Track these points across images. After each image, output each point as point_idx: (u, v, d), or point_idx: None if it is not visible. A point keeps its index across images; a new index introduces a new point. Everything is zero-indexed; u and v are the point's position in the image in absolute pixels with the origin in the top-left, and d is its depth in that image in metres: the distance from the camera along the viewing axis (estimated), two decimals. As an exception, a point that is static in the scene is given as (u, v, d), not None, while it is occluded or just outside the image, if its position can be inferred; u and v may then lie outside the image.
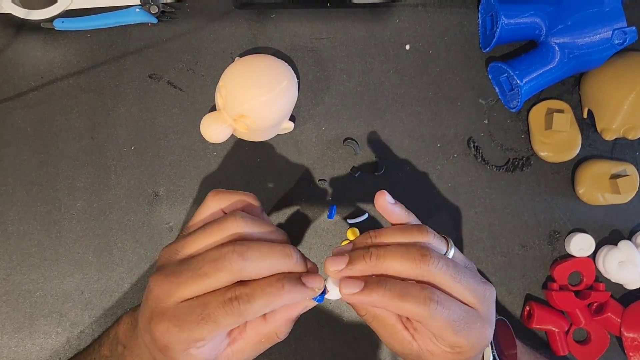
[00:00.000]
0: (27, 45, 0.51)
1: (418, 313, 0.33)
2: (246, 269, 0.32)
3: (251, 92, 0.45)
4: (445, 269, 0.34)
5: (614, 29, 0.47)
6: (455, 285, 0.35)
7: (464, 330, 0.34)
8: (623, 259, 0.51)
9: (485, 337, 0.36)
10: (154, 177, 0.51)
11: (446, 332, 0.34)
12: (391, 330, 0.37)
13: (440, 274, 0.34)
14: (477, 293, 0.35)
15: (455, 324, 0.34)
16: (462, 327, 0.34)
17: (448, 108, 0.53)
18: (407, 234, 0.36)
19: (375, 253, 0.35)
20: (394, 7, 0.54)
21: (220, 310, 0.31)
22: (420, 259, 0.34)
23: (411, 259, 0.34)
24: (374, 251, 0.35)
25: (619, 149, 0.54)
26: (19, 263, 0.49)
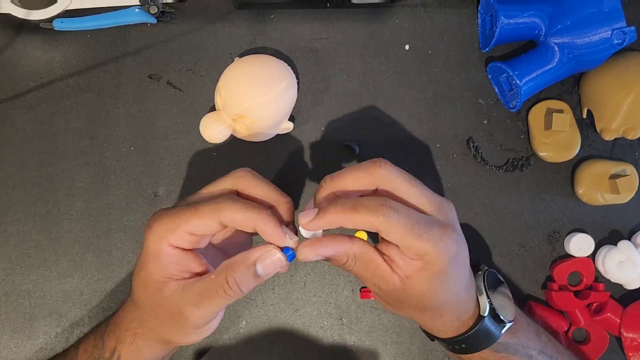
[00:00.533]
0: (26, 46, 0.51)
1: (374, 222, 0.34)
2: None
3: (251, 92, 0.45)
4: (399, 173, 0.36)
5: (613, 28, 0.47)
6: (411, 190, 0.36)
7: (425, 234, 0.34)
8: (622, 259, 0.51)
9: (450, 241, 0.35)
10: (153, 178, 0.51)
11: (408, 238, 0.34)
12: (372, 266, 0.37)
13: (394, 178, 0.36)
14: (432, 200, 0.37)
15: (414, 227, 0.34)
16: (423, 231, 0.34)
17: (447, 108, 0.53)
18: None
19: (329, 177, 0.37)
20: (393, 7, 0.54)
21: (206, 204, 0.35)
22: (371, 165, 0.36)
23: (364, 169, 0.36)
24: (328, 177, 0.37)
25: (618, 149, 0.54)
26: (18, 263, 0.49)
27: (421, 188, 0.37)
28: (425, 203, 0.36)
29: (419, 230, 0.34)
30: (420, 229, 0.34)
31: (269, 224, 0.34)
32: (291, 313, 0.51)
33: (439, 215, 0.36)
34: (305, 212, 0.36)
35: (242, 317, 0.50)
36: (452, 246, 0.36)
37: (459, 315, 0.40)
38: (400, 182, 0.36)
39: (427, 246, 0.34)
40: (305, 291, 0.51)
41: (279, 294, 0.51)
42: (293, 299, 0.51)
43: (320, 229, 0.36)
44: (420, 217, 0.35)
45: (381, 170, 0.35)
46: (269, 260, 0.35)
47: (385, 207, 0.34)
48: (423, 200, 0.36)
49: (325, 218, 0.35)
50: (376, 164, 0.36)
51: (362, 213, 0.34)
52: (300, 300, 0.51)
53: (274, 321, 0.50)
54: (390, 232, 0.34)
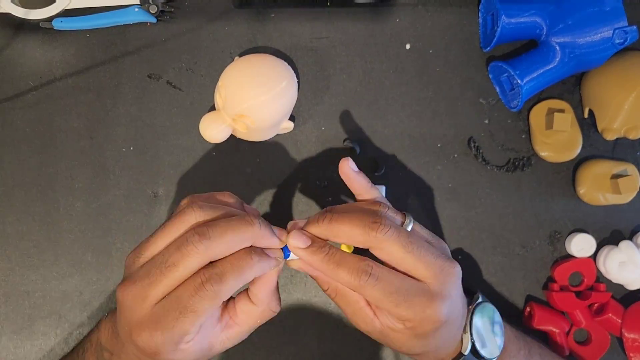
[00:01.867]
0: (25, 45, 0.51)
1: (351, 283, 0.34)
2: (211, 247, 0.32)
3: (251, 91, 0.45)
4: (395, 238, 0.34)
5: (614, 28, 0.47)
6: (405, 256, 0.35)
7: (404, 303, 0.34)
8: (624, 260, 0.51)
9: (436, 312, 0.35)
10: (153, 178, 0.51)
11: (384, 304, 0.34)
12: (354, 306, 0.37)
13: (389, 243, 0.34)
14: (430, 266, 0.35)
15: (392, 296, 0.34)
16: (402, 300, 0.34)
17: (448, 108, 0.53)
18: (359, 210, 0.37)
19: (330, 216, 0.36)
20: (394, 7, 0.53)
21: (194, 297, 0.31)
22: (370, 225, 0.34)
23: (362, 225, 0.35)
24: (329, 214, 0.36)
25: (620, 149, 0.54)
26: (18, 264, 0.49)
27: (418, 254, 0.35)
28: (421, 269, 0.35)
29: (396, 299, 0.34)
30: (400, 298, 0.34)
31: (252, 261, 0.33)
32: (291, 313, 0.50)
33: (433, 283, 0.35)
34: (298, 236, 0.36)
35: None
36: (437, 316, 0.35)
37: (437, 356, 0.40)
38: (394, 249, 0.35)
39: (407, 314, 0.34)
40: (305, 291, 0.51)
41: (279, 295, 0.50)
42: (293, 299, 0.51)
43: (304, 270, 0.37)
44: (402, 286, 0.34)
45: (376, 234, 0.34)
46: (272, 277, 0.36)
47: (366, 273, 0.34)
48: (419, 266, 0.35)
49: (312, 257, 0.35)
50: (374, 225, 0.34)
51: (343, 271, 0.34)
52: (300, 300, 0.51)
53: (274, 321, 0.50)
54: (367, 296, 0.35)
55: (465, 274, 0.52)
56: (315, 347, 0.50)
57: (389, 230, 0.34)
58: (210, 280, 0.31)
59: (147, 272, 0.32)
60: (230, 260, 0.33)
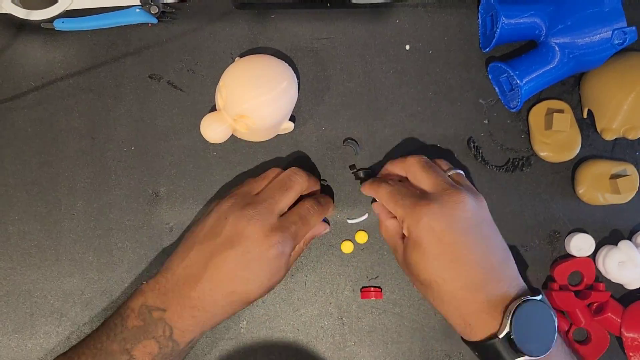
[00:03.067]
0: (27, 46, 0.51)
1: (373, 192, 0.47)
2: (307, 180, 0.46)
3: (251, 92, 0.45)
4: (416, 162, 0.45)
5: (613, 29, 0.47)
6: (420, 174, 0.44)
7: (400, 201, 0.43)
8: (623, 259, 0.51)
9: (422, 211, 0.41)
10: (154, 178, 0.51)
11: (389, 204, 0.44)
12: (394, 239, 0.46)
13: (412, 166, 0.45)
14: (439, 183, 0.43)
15: (394, 197, 0.44)
16: (399, 199, 0.43)
17: (448, 108, 0.53)
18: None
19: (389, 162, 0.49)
20: (394, 8, 0.54)
21: (309, 212, 0.45)
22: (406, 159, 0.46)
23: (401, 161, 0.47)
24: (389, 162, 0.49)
25: (619, 149, 0.54)
26: (19, 263, 0.49)
27: (431, 174, 0.44)
28: (429, 185, 0.43)
29: (396, 198, 0.44)
30: (398, 198, 0.43)
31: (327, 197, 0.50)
32: (291, 313, 0.51)
33: (434, 194, 0.42)
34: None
35: (243, 317, 0.50)
36: (422, 217, 0.41)
37: (461, 313, 0.41)
38: (415, 168, 0.45)
39: (400, 212, 0.43)
40: (305, 291, 0.51)
41: (279, 294, 0.51)
42: (293, 299, 0.51)
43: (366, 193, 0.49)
44: (404, 191, 0.44)
45: (410, 160, 0.45)
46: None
47: (381, 183, 0.46)
48: (428, 182, 0.43)
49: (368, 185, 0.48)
50: (408, 158, 0.46)
51: (372, 186, 0.47)
52: (300, 300, 0.51)
53: (275, 321, 0.50)
54: (381, 199, 0.46)
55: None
56: (315, 347, 0.50)
57: (414, 158, 0.46)
58: (316, 204, 0.46)
59: (269, 195, 0.44)
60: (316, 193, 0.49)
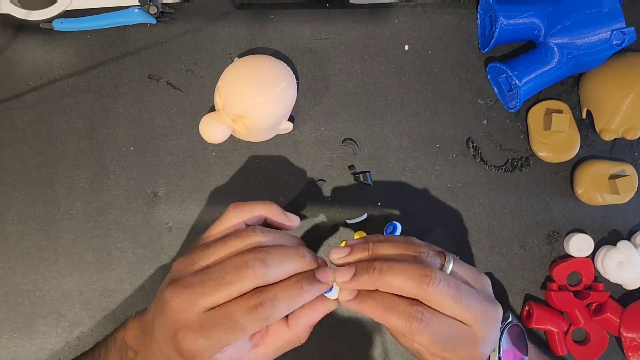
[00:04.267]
0: (26, 46, 0.51)
1: (401, 328, 0.35)
2: (268, 274, 0.34)
3: (250, 92, 0.45)
4: (445, 290, 0.35)
5: (612, 29, 0.47)
6: (454, 307, 0.35)
7: (450, 348, 0.35)
8: (622, 259, 0.51)
9: (477, 355, 0.37)
10: (153, 178, 0.51)
11: (432, 348, 0.35)
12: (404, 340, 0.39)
13: (439, 295, 0.35)
14: (476, 312, 0.36)
15: (440, 342, 0.35)
16: (449, 345, 0.35)
17: (447, 108, 0.53)
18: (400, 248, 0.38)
19: (379, 268, 0.36)
20: (393, 8, 0.54)
21: (246, 317, 0.33)
22: (421, 279, 0.35)
23: (412, 278, 0.35)
24: (378, 265, 0.36)
25: (617, 150, 0.54)
26: (18, 263, 0.49)
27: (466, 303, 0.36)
28: (467, 316, 0.36)
29: (443, 345, 0.35)
30: (446, 344, 0.35)
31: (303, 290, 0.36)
32: (291, 313, 0.51)
33: (478, 327, 0.36)
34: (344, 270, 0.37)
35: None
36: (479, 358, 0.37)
37: None
38: (444, 301, 0.35)
39: (451, 357, 0.36)
40: (304, 291, 0.51)
41: (278, 294, 0.51)
42: (292, 299, 0.51)
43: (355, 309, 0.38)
44: (451, 332, 0.36)
45: (429, 289, 0.35)
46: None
47: (416, 320, 0.35)
48: (465, 314, 0.36)
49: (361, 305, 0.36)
50: (425, 281, 0.35)
51: (393, 316, 0.35)
52: (299, 300, 0.51)
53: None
54: (415, 340, 0.36)
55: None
56: (315, 347, 0.50)
57: (439, 284, 0.35)
58: (264, 304, 0.33)
59: (200, 282, 0.34)
60: (284, 287, 0.35)
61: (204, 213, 0.51)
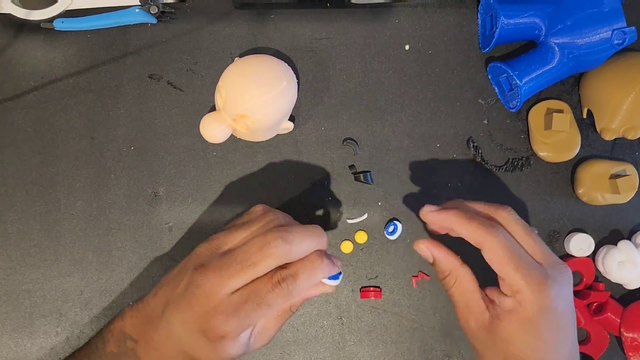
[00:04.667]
0: (27, 46, 0.51)
1: (481, 235, 0.36)
2: (291, 251, 0.36)
3: (251, 92, 0.45)
4: (520, 222, 0.37)
5: (613, 29, 0.47)
6: (528, 238, 0.37)
7: (522, 269, 0.34)
8: (623, 259, 0.51)
9: (548, 290, 0.34)
10: (153, 177, 0.51)
11: (505, 264, 0.35)
12: (469, 296, 0.38)
13: (514, 223, 0.37)
14: (549, 256, 0.36)
15: (514, 257, 0.35)
16: (521, 265, 0.35)
17: (447, 108, 0.53)
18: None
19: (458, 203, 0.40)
20: (393, 8, 0.54)
21: (271, 293, 0.35)
22: (498, 206, 0.38)
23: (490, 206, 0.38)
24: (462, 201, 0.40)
25: (618, 149, 0.54)
26: (19, 263, 0.49)
27: (539, 242, 0.37)
28: (539, 254, 0.36)
29: (517, 263, 0.35)
30: (520, 262, 0.35)
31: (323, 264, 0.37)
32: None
33: (549, 268, 0.36)
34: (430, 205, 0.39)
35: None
36: (547, 295, 0.34)
37: None
38: (519, 229, 0.37)
39: (522, 283, 0.34)
40: (305, 291, 0.51)
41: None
42: (293, 298, 0.51)
43: (436, 221, 0.39)
44: (526, 256, 0.36)
45: (504, 213, 0.37)
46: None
47: (498, 229, 0.36)
48: (537, 251, 0.36)
49: (445, 213, 0.38)
50: (502, 207, 0.38)
51: (475, 224, 0.36)
52: (300, 300, 0.51)
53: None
54: (492, 251, 0.35)
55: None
56: (315, 347, 0.50)
57: (514, 214, 0.37)
58: (287, 279, 0.35)
59: (227, 264, 0.35)
60: (304, 263, 0.37)
61: (205, 213, 0.51)
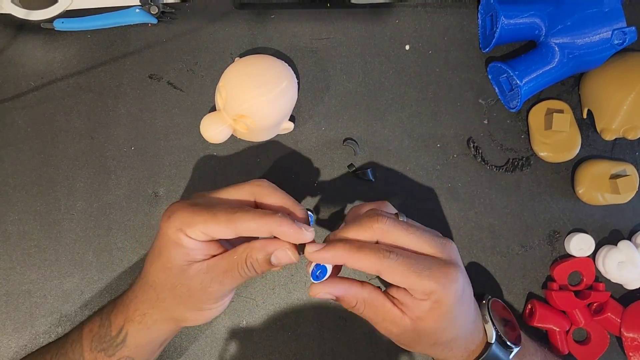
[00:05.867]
0: (27, 46, 0.51)
1: (375, 263, 0.36)
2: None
3: (251, 92, 0.45)
4: (396, 224, 0.38)
5: (613, 29, 0.47)
6: (409, 238, 0.38)
7: (426, 272, 0.36)
8: (623, 259, 0.51)
9: (454, 278, 0.37)
10: (153, 178, 0.51)
11: (410, 277, 0.36)
12: (382, 311, 0.38)
13: (392, 230, 0.37)
14: (433, 243, 0.38)
15: (415, 267, 0.36)
16: (424, 269, 0.36)
17: (448, 108, 0.53)
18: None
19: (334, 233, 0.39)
20: (393, 8, 0.54)
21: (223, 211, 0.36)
22: (368, 221, 0.37)
23: (362, 224, 0.38)
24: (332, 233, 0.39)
25: (618, 149, 0.54)
26: (19, 263, 0.49)
27: (420, 234, 0.38)
28: (426, 247, 0.38)
29: (418, 269, 0.36)
30: (420, 268, 0.36)
31: (283, 225, 0.36)
32: (291, 312, 0.51)
33: (442, 255, 0.38)
34: (314, 243, 0.37)
35: (242, 317, 0.50)
36: (456, 283, 0.37)
37: (467, 346, 0.41)
38: (397, 234, 0.37)
39: (431, 284, 0.36)
40: (305, 291, 0.51)
41: (279, 294, 0.51)
42: (293, 298, 0.51)
43: (325, 261, 0.38)
44: (420, 258, 0.37)
45: (378, 225, 0.37)
46: (283, 256, 0.37)
47: (386, 251, 0.36)
48: (423, 244, 0.38)
49: (332, 251, 0.37)
50: (372, 219, 0.37)
51: (364, 253, 0.36)
52: (300, 300, 0.51)
53: (275, 320, 0.50)
54: (392, 273, 0.36)
55: (465, 274, 0.52)
56: (315, 347, 0.50)
57: (387, 220, 0.37)
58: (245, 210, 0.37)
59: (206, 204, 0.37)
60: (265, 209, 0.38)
61: (205, 213, 0.51)
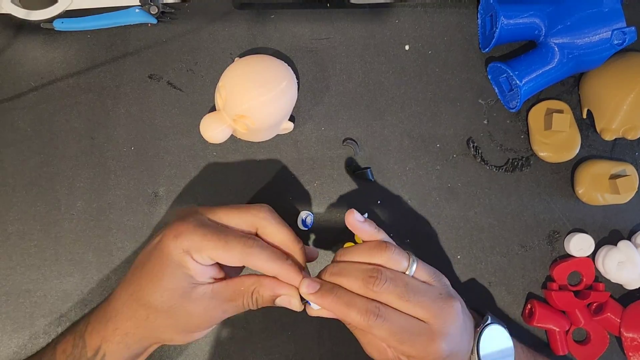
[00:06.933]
0: (27, 46, 0.51)
1: (360, 323, 0.37)
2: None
3: (251, 92, 0.45)
4: (392, 289, 0.38)
5: (613, 29, 0.47)
6: (404, 304, 0.38)
7: (407, 342, 0.37)
8: (622, 259, 0.51)
9: (436, 349, 0.37)
10: (153, 178, 0.51)
11: (390, 342, 0.37)
12: (369, 337, 0.40)
13: (387, 294, 0.38)
14: (428, 309, 0.38)
15: (397, 335, 0.37)
16: (407, 338, 0.37)
17: (447, 108, 0.53)
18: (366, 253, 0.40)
19: (331, 270, 0.39)
20: (393, 8, 0.54)
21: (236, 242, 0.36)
22: (367, 280, 0.38)
23: (360, 279, 0.38)
24: (330, 268, 0.40)
25: (618, 149, 0.54)
26: (19, 263, 0.49)
27: (416, 300, 0.38)
28: (420, 312, 0.38)
29: (401, 338, 0.37)
30: (404, 337, 0.37)
31: (291, 273, 0.38)
32: (291, 313, 0.50)
33: (434, 322, 0.38)
34: (309, 282, 0.38)
35: (242, 317, 0.50)
36: (439, 353, 0.37)
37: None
38: (391, 299, 0.38)
39: (411, 351, 0.37)
40: (305, 291, 0.51)
41: (279, 294, 0.51)
42: (293, 298, 0.51)
43: (315, 304, 0.39)
44: (407, 326, 0.37)
45: (374, 288, 0.38)
46: (288, 302, 0.39)
47: (373, 314, 0.37)
48: (417, 310, 0.38)
49: (321, 300, 0.38)
50: (370, 282, 0.38)
51: (352, 311, 0.37)
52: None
53: (275, 320, 0.51)
54: (375, 335, 0.37)
55: (464, 274, 0.53)
56: (315, 347, 0.50)
57: (385, 283, 0.38)
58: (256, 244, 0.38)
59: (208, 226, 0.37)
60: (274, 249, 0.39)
61: (205, 213, 0.51)
